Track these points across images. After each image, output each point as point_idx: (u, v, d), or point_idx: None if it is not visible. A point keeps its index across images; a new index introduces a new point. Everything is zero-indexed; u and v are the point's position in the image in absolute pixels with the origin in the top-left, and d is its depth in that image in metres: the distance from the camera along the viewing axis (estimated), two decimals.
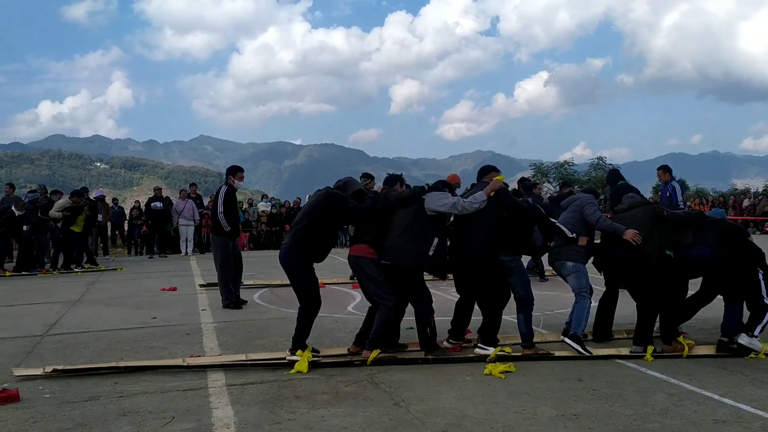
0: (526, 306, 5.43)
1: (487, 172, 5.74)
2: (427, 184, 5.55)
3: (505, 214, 5.44)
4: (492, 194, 5.35)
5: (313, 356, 5.13)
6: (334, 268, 11.32)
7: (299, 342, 5.25)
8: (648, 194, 21.45)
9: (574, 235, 5.55)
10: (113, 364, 5.11)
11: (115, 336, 6.49)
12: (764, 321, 5.40)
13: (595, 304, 5.83)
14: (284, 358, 5.20)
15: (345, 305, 8.28)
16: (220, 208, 8.05)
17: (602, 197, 9.71)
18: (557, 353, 5.43)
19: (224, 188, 8.25)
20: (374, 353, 5.15)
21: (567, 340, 5.52)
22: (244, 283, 9.15)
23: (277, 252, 5.48)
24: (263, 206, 20.68)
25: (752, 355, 5.31)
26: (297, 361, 5.02)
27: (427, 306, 5.29)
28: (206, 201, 18.74)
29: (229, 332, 6.66)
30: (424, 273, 5.48)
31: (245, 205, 20.03)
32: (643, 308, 5.51)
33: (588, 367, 5.08)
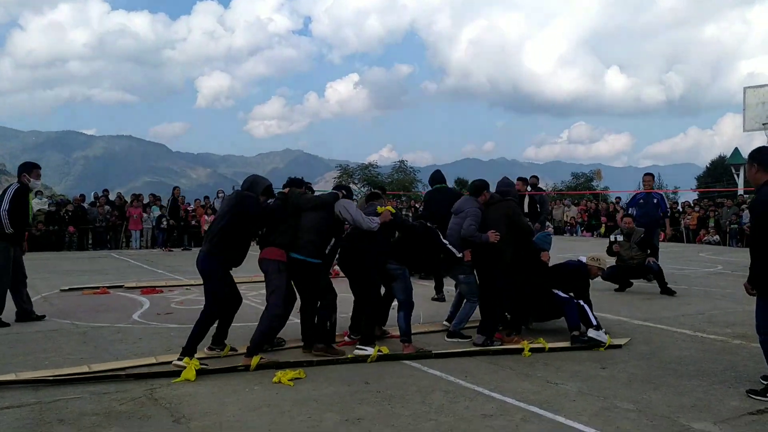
0: (406, 307, 5.86)
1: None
2: (342, 191, 5.76)
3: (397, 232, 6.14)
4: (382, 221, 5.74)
5: (201, 365, 4.98)
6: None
7: (191, 348, 5.13)
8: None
9: (461, 254, 6.05)
10: None
11: None
12: (590, 312, 6.15)
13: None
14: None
15: (130, 313, 7.69)
16: (5, 206, 6.86)
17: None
18: (435, 351, 5.69)
19: (15, 186, 7.07)
20: (256, 359, 5.13)
21: (447, 339, 6.25)
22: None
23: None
24: (37, 203, 18.75)
25: (600, 348, 5.85)
26: (184, 368, 4.87)
27: (332, 302, 5.57)
28: None
29: None
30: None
31: None
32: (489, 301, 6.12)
33: (375, 369, 5.21)
